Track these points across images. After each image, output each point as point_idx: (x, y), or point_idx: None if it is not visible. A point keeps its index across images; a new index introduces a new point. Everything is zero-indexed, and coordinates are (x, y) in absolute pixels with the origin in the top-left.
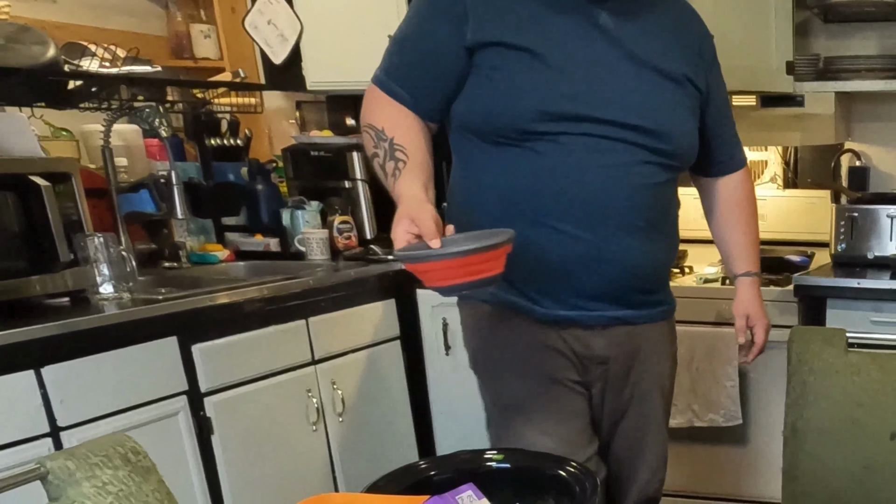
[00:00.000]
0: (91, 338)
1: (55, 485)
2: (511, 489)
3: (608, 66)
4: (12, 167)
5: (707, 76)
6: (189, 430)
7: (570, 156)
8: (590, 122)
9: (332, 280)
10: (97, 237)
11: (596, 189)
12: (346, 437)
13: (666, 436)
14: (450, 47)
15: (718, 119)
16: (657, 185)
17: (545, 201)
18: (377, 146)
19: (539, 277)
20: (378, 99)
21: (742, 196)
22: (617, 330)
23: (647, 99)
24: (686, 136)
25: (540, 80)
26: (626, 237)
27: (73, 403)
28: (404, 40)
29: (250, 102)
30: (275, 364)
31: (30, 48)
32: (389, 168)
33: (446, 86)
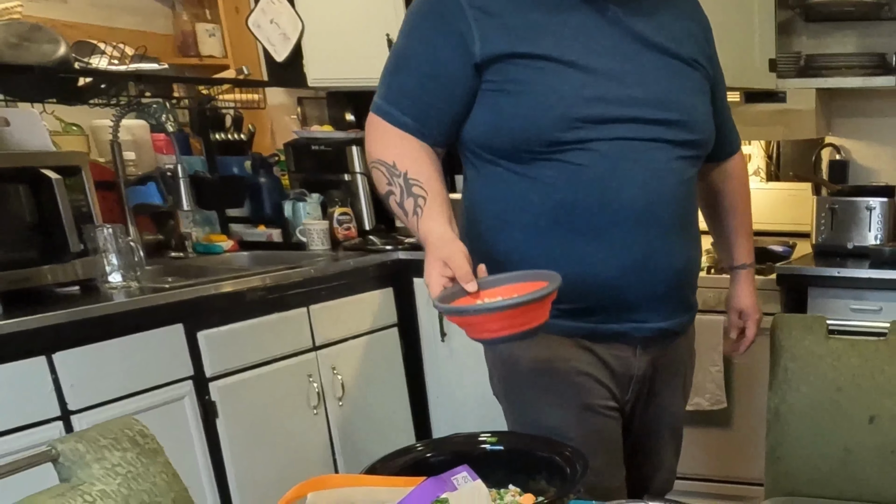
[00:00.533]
0: (100, 325)
1: (66, 466)
2: (504, 470)
3: (628, 58)
4: (25, 161)
5: (709, 53)
6: (195, 414)
7: (607, 162)
8: (620, 122)
9: (332, 269)
10: (106, 228)
11: (637, 194)
12: (345, 420)
13: (681, 435)
14: (456, 67)
15: (723, 103)
16: (688, 180)
17: (588, 213)
18: (391, 183)
19: (588, 294)
20: (382, 130)
21: (738, 183)
22: (661, 344)
23: (672, 88)
24: (708, 124)
25: (563, 85)
26: (669, 240)
27: (83, 388)
28: (403, 63)
29: (253, 98)
30: (277, 350)
31: (42, 47)
32: (409, 206)
33: (455, 109)
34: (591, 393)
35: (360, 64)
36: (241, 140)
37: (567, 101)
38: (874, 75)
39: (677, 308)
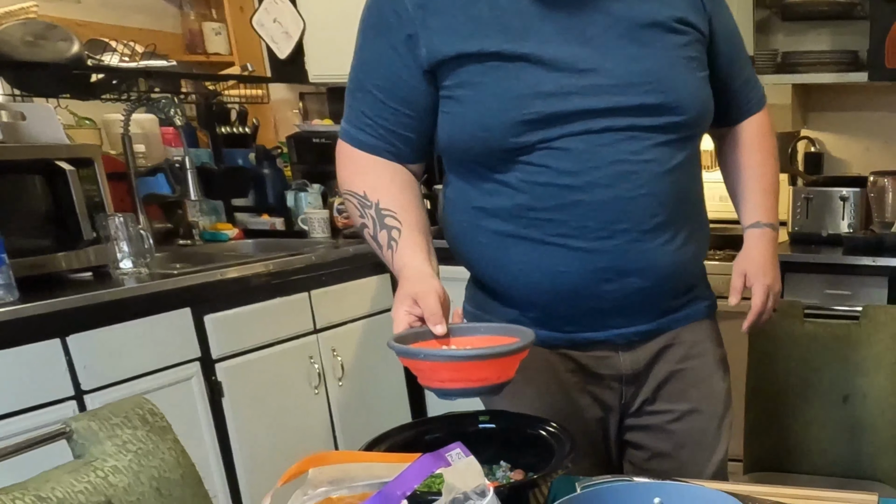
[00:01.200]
0: (112, 309)
1: (79, 443)
2: (496, 447)
3: (589, 39)
4: (40, 153)
5: (708, 8)
6: (201, 394)
7: (572, 160)
8: (582, 117)
9: (333, 256)
10: (117, 217)
11: (607, 192)
12: (345, 399)
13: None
14: (410, 76)
15: (730, 59)
16: (674, 168)
17: (552, 217)
18: (363, 215)
19: (557, 304)
20: (350, 157)
21: (755, 138)
22: (646, 343)
23: (645, 66)
24: (698, 98)
25: (514, 85)
26: (649, 239)
27: (95, 369)
28: (359, 81)
29: (257, 94)
30: (280, 333)
31: (56, 45)
32: (383, 239)
33: (419, 122)
34: (573, 402)
35: None
36: (245, 133)
37: (520, 102)
38: (847, 71)
39: (662, 311)
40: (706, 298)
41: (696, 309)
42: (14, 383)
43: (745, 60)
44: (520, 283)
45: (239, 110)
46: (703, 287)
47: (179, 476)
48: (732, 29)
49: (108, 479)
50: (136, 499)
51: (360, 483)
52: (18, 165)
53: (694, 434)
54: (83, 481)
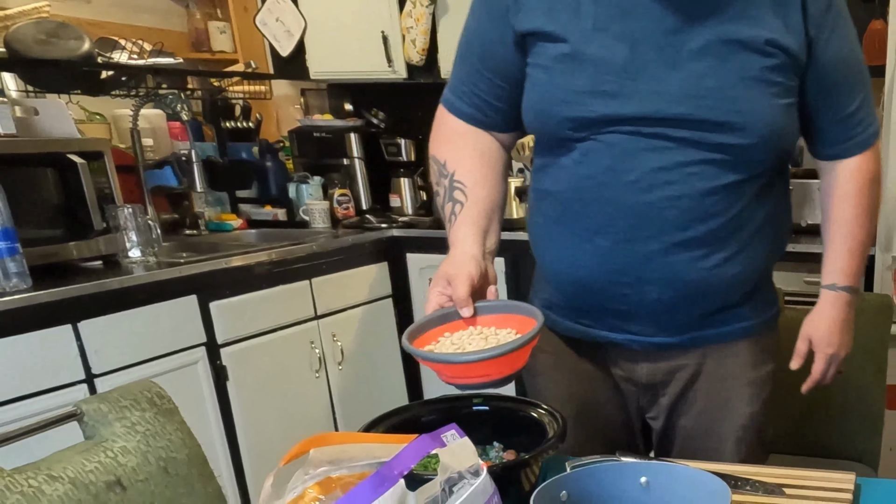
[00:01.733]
0: (121, 296)
1: (90, 425)
2: (489, 429)
3: (670, 48)
4: (52, 146)
5: (812, 32)
6: (207, 377)
7: (615, 157)
8: (639, 121)
9: (332, 245)
10: (126, 208)
11: (640, 196)
12: (344, 383)
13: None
14: (501, 46)
15: (824, 90)
16: (723, 187)
17: (587, 212)
18: (439, 182)
19: (578, 296)
20: (443, 123)
21: (852, 189)
22: (667, 355)
23: (717, 83)
24: (766, 123)
25: (577, 80)
26: (676, 252)
27: (105, 353)
28: (462, 49)
29: (260, 90)
30: (282, 319)
31: (67, 43)
32: (447, 210)
33: (510, 92)
34: (594, 390)
35: (357, 58)
36: (249, 128)
37: (578, 99)
38: None
39: (685, 326)
40: (748, 318)
41: (730, 329)
42: (27, 367)
43: (850, 95)
44: (552, 271)
45: (243, 106)
46: (749, 307)
47: (186, 456)
48: (844, 58)
49: (117, 458)
50: (144, 478)
51: (359, 463)
52: (31, 158)
53: (710, 452)
54: (93, 461)
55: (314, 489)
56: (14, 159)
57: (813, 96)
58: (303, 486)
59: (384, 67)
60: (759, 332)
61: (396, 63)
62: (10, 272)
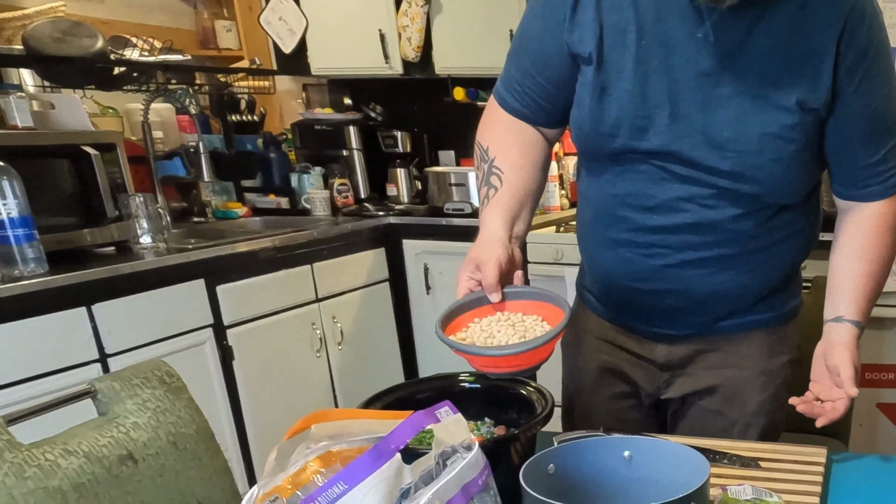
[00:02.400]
0: (133, 280)
1: (103, 402)
2: (480, 405)
3: (691, 84)
4: (68, 139)
5: (841, 83)
6: (214, 357)
7: (638, 184)
8: (664, 157)
9: (333, 232)
10: (138, 197)
11: (656, 220)
12: (344, 362)
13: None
14: (556, 55)
15: (847, 138)
16: (734, 217)
17: (613, 226)
18: (479, 167)
19: (608, 294)
20: (491, 112)
21: (866, 232)
22: (684, 341)
23: (729, 133)
24: (778, 179)
25: (604, 108)
26: (689, 268)
27: (118, 334)
28: (516, 45)
29: (264, 85)
30: (285, 301)
31: (82, 41)
32: (483, 193)
33: (559, 97)
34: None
35: (356, 55)
36: (253, 121)
37: (611, 128)
38: None
39: (704, 324)
40: (763, 312)
41: (743, 321)
42: (44, 347)
43: (875, 145)
44: (588, 265)
45: (248, 100)
46: (765, 304)
47: (194, 431)
48: (874, 109)
49: (129, 434)
50: (154, 452)
51: (357, 438)
52: (48, 150)
53: (720, 434)
54: (107, 436)
55: (315, 462)
56: (32, 151)
57: (833, 143)
58: (305, 459)
59: (381, 64)
60: (776, 323)
61: (393, 60)
62: (28, 257)
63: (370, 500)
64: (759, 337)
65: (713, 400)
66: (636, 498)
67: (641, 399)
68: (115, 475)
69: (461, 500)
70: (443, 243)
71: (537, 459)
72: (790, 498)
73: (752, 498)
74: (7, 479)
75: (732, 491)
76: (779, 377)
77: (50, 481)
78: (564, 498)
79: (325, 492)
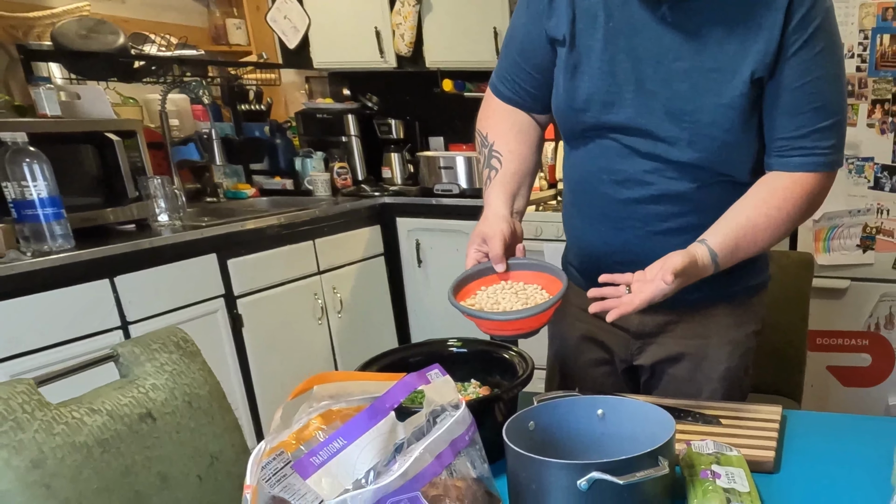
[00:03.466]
0: (151, 254)
1: (125, 365)
2: (467, 368)
3: (654, 61)
4: (92, 126)
5: (780, 51)
6: (225, 324)
7: (611, 159)
8: (634, 132)
9: (333, 211)
10: (156, 179)
11: (628, 193)
12: (343, 329)
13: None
14: (539, 43)
15: (777, 110)
16: (697, 188)
17: (590, 202)
18: (480, 152)
19: (585, 265)
20: (488, 101)
21: (770, 190)
22: (655, 312)
23: (687, 105)
24: (731, 147)
25: (577, 85)
26: (659, 240)
27: (138, 304)
28: (506, 42)
29: (271, 77)
30: (290, 274)
31: (105, 37)
32: (485, 175)
33: (546, 83)
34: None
35: (354, 50)
36: (261, 110)
37: (584, 105)
38: None
39: (677, 294)
40: (731, 286)
41: (709, 294)
42: (71, 316)
43: (806, 117)
44: (571, 241)
45: (256, 91)
46: (732, 277)
47: (207, 392)
48: (806, 82)
49: (148, 394)
50: (171, 410)
51: (356, 397)
52: (74, 137)
53: (689, 398)
54: (128, 396)
55: (317, 420)
56: (59, 137)
57: (765, 110)
58: (307, 417)
59: (377, 58)
60: (743, 296)
61: (387, 54)
62: (56, 234)
63: (367, 454)
64: (725, 309)
65: (681, 367)
66: (608, 452)
67: (616, 365)
68: (136, 432)
69: (450, 453)
70: (433, 221)
71: (519, 417)
72: (748, 452)
73: (713, 452)
74: (38, 436)
75: (696, 446)
76: (744, 346)
77: (76, 437)
78: (543, 452)
79: (326, 446)
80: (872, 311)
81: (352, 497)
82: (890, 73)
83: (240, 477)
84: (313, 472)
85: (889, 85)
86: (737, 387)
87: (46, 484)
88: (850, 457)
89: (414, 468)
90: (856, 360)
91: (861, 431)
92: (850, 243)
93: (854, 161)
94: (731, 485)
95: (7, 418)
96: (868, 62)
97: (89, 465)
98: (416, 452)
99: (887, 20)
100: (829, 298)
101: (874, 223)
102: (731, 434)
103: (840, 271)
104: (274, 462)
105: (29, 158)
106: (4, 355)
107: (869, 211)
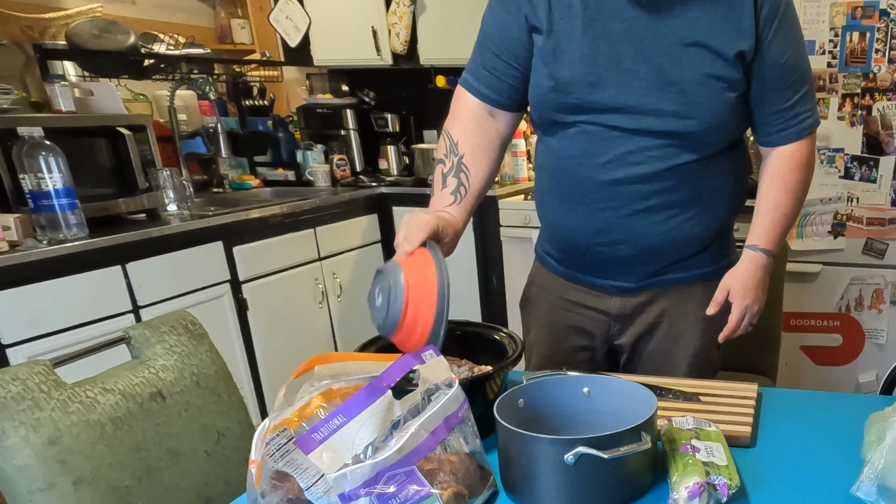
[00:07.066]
0: (161, 242)
1: (136, 347)
2: (459, 349)
3: (633, 41)
4: (105, 121)
5: (761, 35)
6: (231, 308)
7: (590, 143)
8: (612, 110)
9: (333, 200)
10: (165, 170)
11: (610, 174)
12: (342, 312)
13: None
14: (517, 32)
15: (766, 85)
16: (681, 165)
17: (570, 186)
18: (447, 156)
19: (568, 251)
20: (458, 100)
21: (782, 170)
22: (634, 294)
23: (675, 79)
24: (714, 116)
25: (558, 69)
26: (640, 217)
27: (149, 288)
28: (480, 38)
29: (273, 74)
30: (292, 260)
31: (117, 37)
32: (451, 184)
33: (522, 70)
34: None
35: (352, 48)
36: (264, 105)
37: (564, 88)
38: None
39: (654, 273)
40: (704, 266)
41: (689, 275)
42: (85, 300)
43: (789, 91)
44: (549, 230)
45: (259, 87)
46: (706, 257)
47: (214, 372)
48: (787, 59)
49: (158, 374)
50: (180, 390)
51: (355, 377)
52: (88, 131)
53: (666, 373)
54: (139, 376)
55: (318, 398)
56: (74, 131)
57: (756, 90)
58: (309, 395)
59: (374, 56)
60: (715, 276)
61: (384, 52)
62: (71, 223)
63: (365, 430)
64: (699, 288)
65: (659, 343)
66: (594, 427)
67: (597, 349)
68: (147, 410)
69: (444, 429)
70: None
71: (509, 395)
72: (726, 427)
73: (693, 427)
74: (54, 414)
75: (676, 422)
76: (715, 323)
77: (90, 415)
78: (532, 428)
79: (327, 423)
80: (843, 293)
81: (351, 471)
82: (859, 68)
83: (245, 452)
84: (315, 448)
85: (858, 80)
86: (709, 362)
87: (62, 460)
88: (823, 432)
89: (410, 443)
90: (828, 341)
91: (833, 408)
92: (822, 230)
93: (825, 152)
94: (710, 458)
95: (25, 398)
96: (838, 58)
97: (103, 441)
98: (412, 429)
99: (856, 18)
100: (803, 282)
101: (844, 211)
102: (710, 410)
103: (812, 256)
104: (277, 438)
105: (45, 152)
106: (22, 338)
107: (840, 199)
